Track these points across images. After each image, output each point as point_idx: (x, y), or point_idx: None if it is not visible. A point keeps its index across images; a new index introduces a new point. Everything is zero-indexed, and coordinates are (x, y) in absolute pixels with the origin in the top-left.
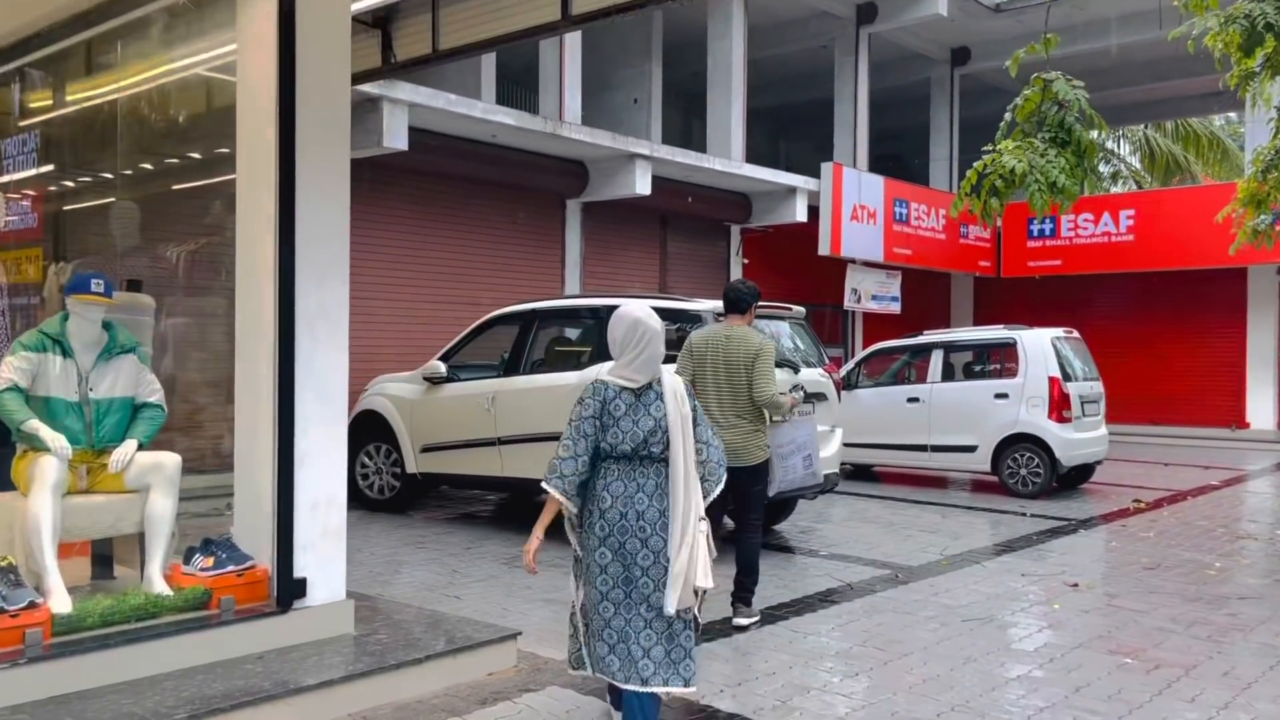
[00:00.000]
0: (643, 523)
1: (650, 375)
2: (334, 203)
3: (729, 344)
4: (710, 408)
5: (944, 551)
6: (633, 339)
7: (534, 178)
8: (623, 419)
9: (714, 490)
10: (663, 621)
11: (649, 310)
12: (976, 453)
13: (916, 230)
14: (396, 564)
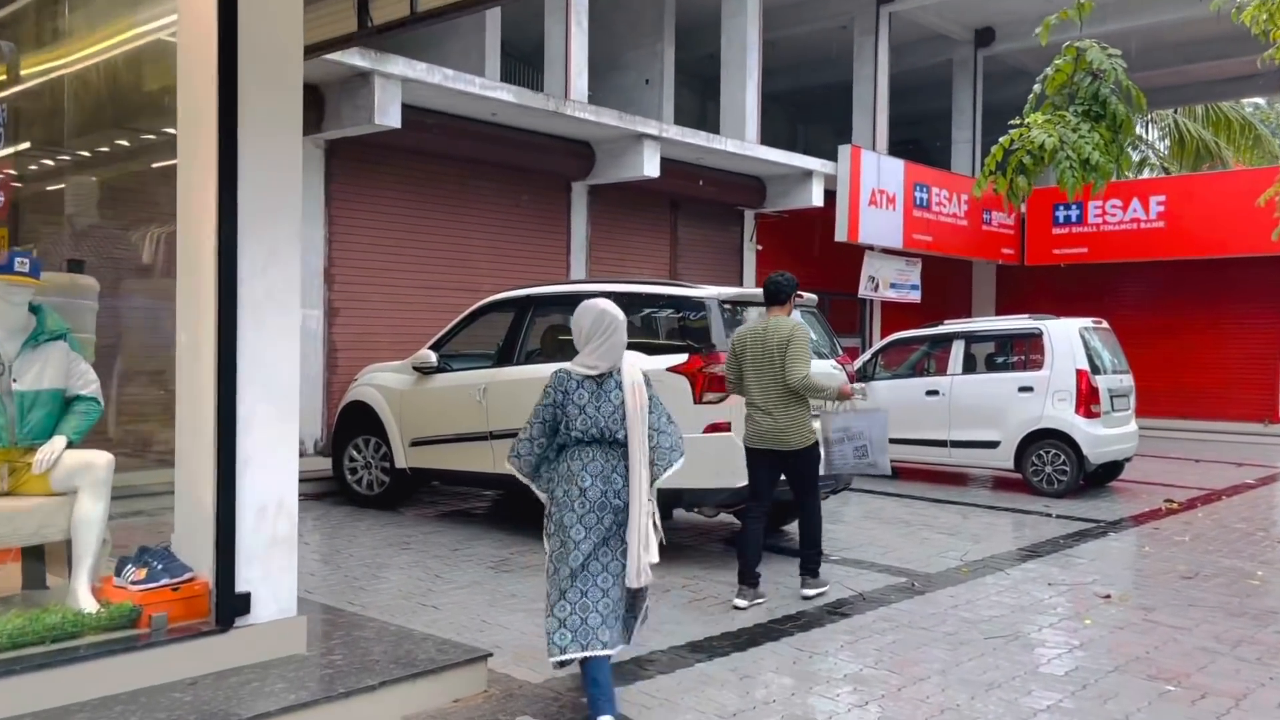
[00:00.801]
0: (620, 500)
1: (611, 363)
2: (284, 175)
3: (765, 334)
4: (754, 398)
5: (964, 557)
6: (599, 329)
7: (537, 159)
8: (587, 405)
9: (662, 474)
10: (618, 590)
11: (608, 302)
12: (999, 449)
13: (938, 216)
14: (377, 567)
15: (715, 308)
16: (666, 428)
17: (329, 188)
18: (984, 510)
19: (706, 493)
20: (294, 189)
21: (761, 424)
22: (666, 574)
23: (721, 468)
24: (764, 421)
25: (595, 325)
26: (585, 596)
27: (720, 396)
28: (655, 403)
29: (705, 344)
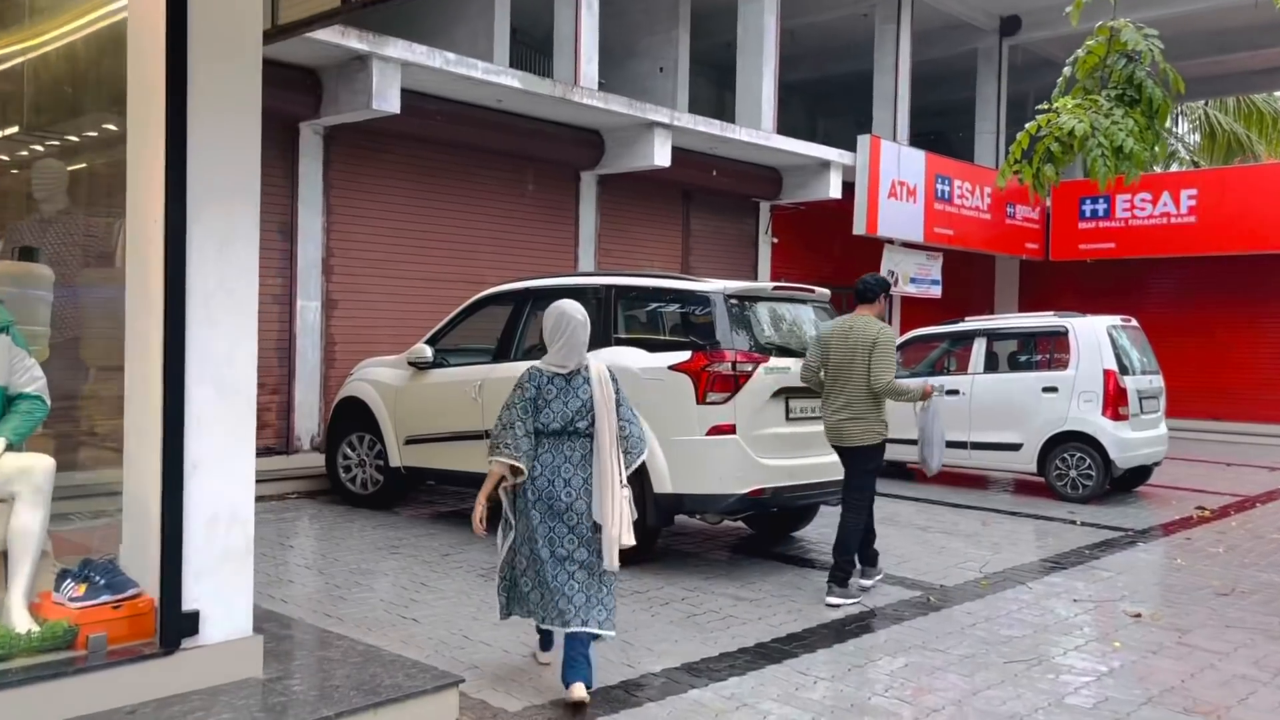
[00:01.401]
0: (569, 489)
1: (576, 361)
2: (240, 155)
3: (849, 332)
4: (828, 394)
5: (984, 568)
6: (560, 330)
7: (545, 147)
8: (554, 400)
9: (634, 461)
10: (584, 572)
11: (576, 305)
12: (1021, 451)
13: (960, 209)
14: (361, 574)
15: (721, 302)
16: (634, 418)
17: (328, 176)
18: (1005, 516)
19: (709, 499)
20: (251, 170)
21: (828, 420)
22: (664, 585)
23: (725, 473)
24: (830, 418)
25: (556, 326)
26: (556, 580)
27: (725, 396)
28: (622, 397)
29: (709, 341)
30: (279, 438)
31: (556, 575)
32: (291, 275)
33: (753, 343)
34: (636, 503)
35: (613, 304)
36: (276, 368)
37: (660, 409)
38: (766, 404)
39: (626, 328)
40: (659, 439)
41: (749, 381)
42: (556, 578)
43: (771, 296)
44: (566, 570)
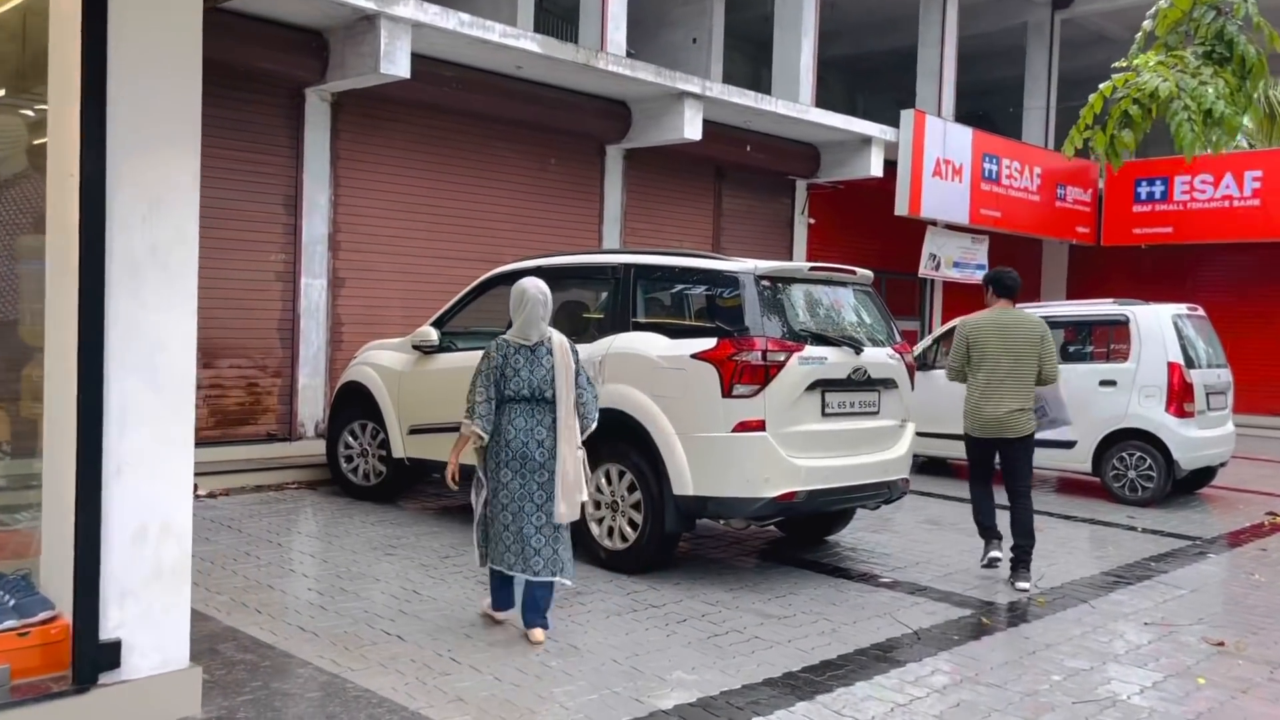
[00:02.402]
0: (542, 449)
1: (538, 335)
2: (175, 99)
3: (1010, 327)
4: (990, 388)
5: (1038, 581)
6: (521, 306)
7: (568, 118)
8: (522, 369)
9: (589, 427)
10: (550, 527)
11: (537, 283)
12: (1075, 449)
13: (1007, 190)
14: (351, 578)
15: (750, 284)
16: (590, 388)
17: (335, 146)
18: (1058, 520)
19: (735, 503)
20: (189, 117)
21: (991, 413)
22: (684, 598)
23: (753, 473)
24: (994, 411)
25: (518, 303)
26: (522, 533)
27: (754, 389)
28: (580, 367)
29: (738, 326)
30: (281, 424)
31: (525, 528)
32: (295, 251)
33: (786, 329)
34: (654, 505)
35: (631, 285)
36: (279, 349)
37: (681, 402)
38: (800, 398)
39: (646, 311)
40: (679, 435)
41: (781, 372)
42: (524, 530)
43: (807, 278)
44: (534, 524)
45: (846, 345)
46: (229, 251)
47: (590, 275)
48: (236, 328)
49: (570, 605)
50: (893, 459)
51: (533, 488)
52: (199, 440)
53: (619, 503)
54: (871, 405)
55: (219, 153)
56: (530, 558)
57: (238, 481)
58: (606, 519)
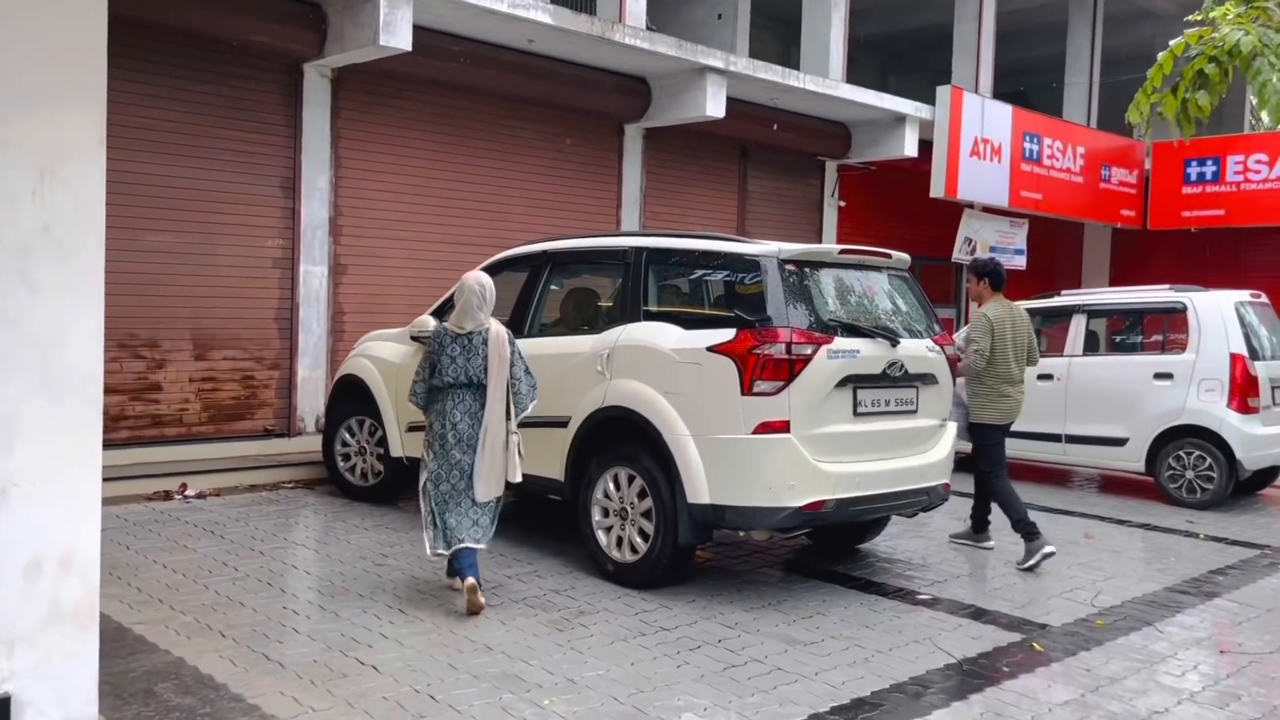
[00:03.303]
0: (473, 432)
1: (472, 324)
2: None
3: (1019, 318)
4: (1012, 376)
5: (1095, 599)
6: (459, 296)
7: (584, 96)
8: (459, 357)
9: (520, 413)
10: (476, 505)
11: (477, 276)
12: (1127, 447)
13: (1049, 171)
14: (332, 593)
15: (774, 268)
16: (525, 377)
17: (336, 124)
18: (1111, 525)
19: (756, 513)
20: (91, 65)
21: (1014, 400)
22: (698, 619)
23: (776, 480)
24: (1016, 397)
25: (456, 294)
26: (460, 506)
27: (777, 386)
28: (516, 357)
29: (759, 316)
30: (279, 419)
31: (461, 502)
32: (294, 237)
33: (813, 319)
34: (666, 514)
35: (643, 271)
36: (276, 340)
37: (696, 400)
38: (829, 395)
39: (659, 299)
40: (694, 437)
41: (808, 367)
42: (461, 504)
43: (837, 262)
44: (469, 498)
45: (881, 337)
46: (222, 237)
47: (600, 260)
48: (231, 318)
49: (572, 628)
50: (932, 463)
51: (466, 466)
52: (192, 437)
53: (628, 510)
54: (909, 403)
55: (211, 132)
56: (469, 529)
57: (231, 480)
58: (615, 528)
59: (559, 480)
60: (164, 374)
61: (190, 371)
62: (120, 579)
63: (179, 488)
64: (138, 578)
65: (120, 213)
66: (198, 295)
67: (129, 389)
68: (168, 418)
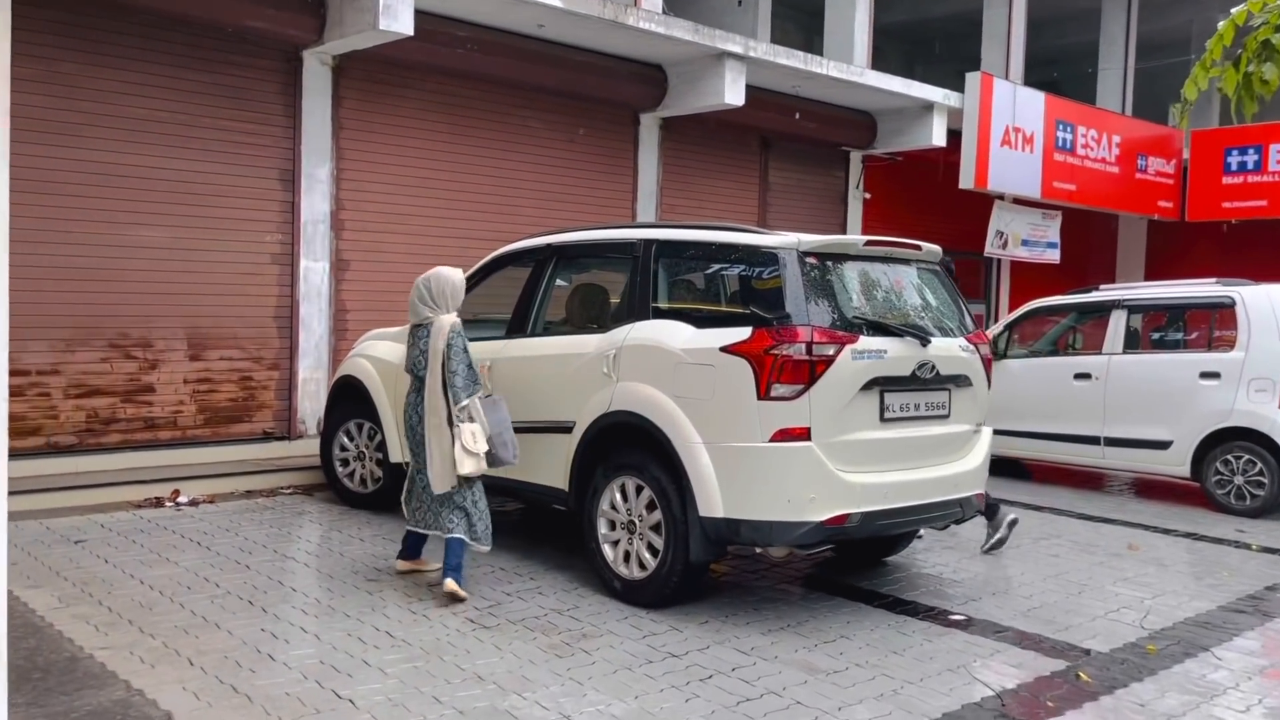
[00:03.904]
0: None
1: (416, 318)
2: None
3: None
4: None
5: (1144, 619)
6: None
7: (597, 84)
8: (411, 350)
9: (453, 405)
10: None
11: (432, 271)
12: (1171, 450)
13: (1083, 161)
14: (316, 613)
15: (793, 261)
16: (460, 370)
17: (338, 115)
18: (1154, 535)
19: (774, 528)
20: None
21: None
22: (710, 643)
23: (796, 492)
24: None
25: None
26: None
27: (796, 389)
28: (454, 350)
29: (777, 313)
30: (278, 421)
31: (423, 496)
32: (294, 231)
33: (836, 316)
34: (676, 528)
35: (652, 264)
36: (276, 339)
37: (709, 404)
38: (854, 400)
39: (669, 295)
40: (706, 445)
41: (830, 369)
42: (423, 498)
43: (863, 254)
44: (430, 492)
45: (910, 335)
46: (218, 232)
47: (606, 254)
48: (227, 316)
49: (573, 653)
50: (966, 471)
51: (421, 460)
52: (186, 440)
53: (636, 524)
54: (941, 407)
55: (206, 123)
56: (431, 521)
57: (226, 486)
58: (622, 542)
59: (563, 490)
60: (157, 375)
61: (185, 372)
62: (92, 596)
63: (171, 494)
64: (111, 595)
65: (111, 207)
66: (193, 293)
67: (120, 390)
68: (161, 421)
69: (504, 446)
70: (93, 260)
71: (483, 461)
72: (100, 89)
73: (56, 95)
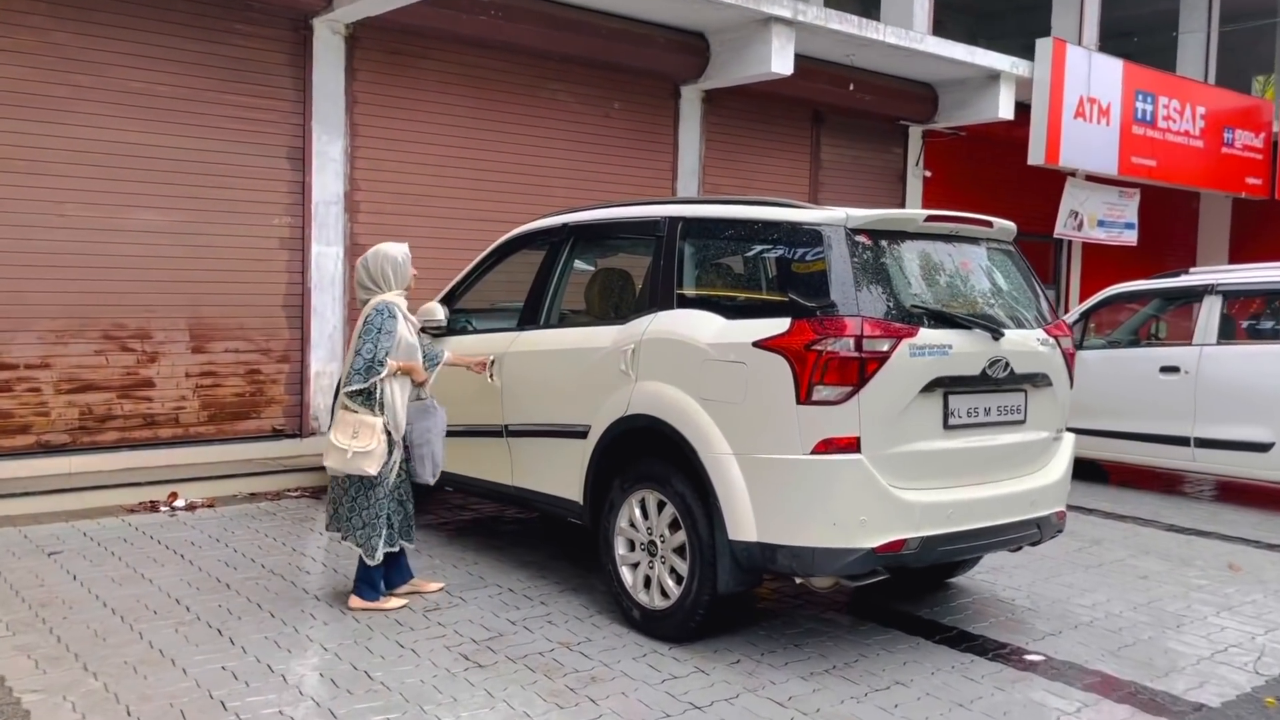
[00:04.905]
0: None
1: (362, 295)
2: None
3: None
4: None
5: (1257, 662)
6: None
7: (633, 53)
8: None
9: (347, 386)
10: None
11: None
12: (1272, 453)
13: (1164, 134)
14: (289, 647)
15: (841, 241)
16: (362, 352)
17: (351, 88)
18: (1258, 551)
19: (817, 555)
20: None
21: None
22: (740, 690)
23: (843, 514)
24: None
25: None
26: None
27: (844, 392)
28: (366, 327)
29: (821, 301)
30: (289, 417)
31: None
32: (304, 214)
33: (892, 305)
34: (703, 553)
35: (677, 245)
36: (286, 330)
37: (740, 409)
38: (912, 404)
39: (697, 281)
40: (736, 456)
41: (884, 367)
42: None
43: (923, 232)
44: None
45: (980, 328)
46: (222, 214)
47: (627, 233)
48: (233, 305)
49: (578, 703)
50: (1044, 486)
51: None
52: (189, 438)
53: (657, 545)
54: (1015, 411)
55: (208, 97)
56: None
57: (229, 489)
58: (643, 565)
59: (576, 502)
60: (157, 368)
61: (187, 365)
62: (44, 623)
63: (168, 497)
64: (65, 622)
65: (106, 188)
66: (195, 280)
67: (116, 385)
68: (162, 417)
69: (421, 461)
70: (86, 245)
71: (351, 462)
72: (94, 60)
73: (47, 67)
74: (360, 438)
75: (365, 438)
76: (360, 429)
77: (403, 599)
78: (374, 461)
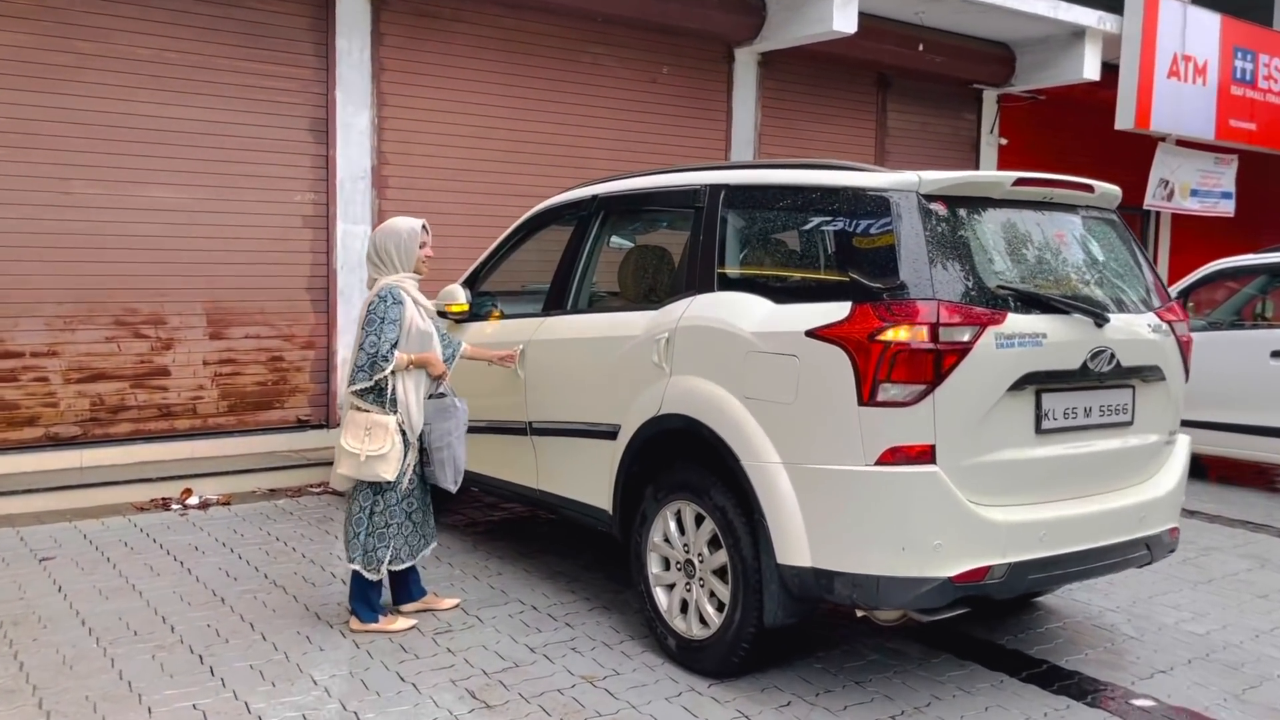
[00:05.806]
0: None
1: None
2: None
3: None
4: None
5: None
6: None
7: (683, 12)
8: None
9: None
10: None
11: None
12: None
13: (1265, 95)
14: (274, 682)
15: (911, 209)
16: (365, 344)
17: (377, 54)
18: None
19: (882, 584)
20: None
21: None
22: None
23: (914, 536)
24: None
25: None
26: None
27: (916, 390)
28: (370, 317)
29: (887, 282)
30: (315, 407)
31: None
32: (328, 190)
33: (973, 286)
34: (747, 577)
35: (717, 218)
36: (310, 314)
37: (791, 410)
38: (999, 404)
39: (741, 259)
40: (786, 465)
41: (964, 361)
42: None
43: (1010, 198)
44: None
45: (1080, 312)
46: (239, 191)
47: (663, 205)
48: (254, 288)
49: None
50: (1154, 499)
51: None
52: (207, 430)
53: (695, 565)
54: (1121, 411)
55: (222, 64)
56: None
57: (249, 484)
58: (679, 587)
59: (605, 510)
60: (173, 356)
61: (205, 352)
62: (10, 646)
63: (181, 494)
64: (34, 645)
65: (114, 163)
66: (212, 262)
67: (129, 374)
68: (178, 408)
69: (441, 466)
70: (94, 225)
71: (365, 467)
72: (99, 25)
73: (48, 34)
74: (374, 439)
75: (379, 439)
76: (373, 429)
77: (411, 619)
78: (390, 465)
